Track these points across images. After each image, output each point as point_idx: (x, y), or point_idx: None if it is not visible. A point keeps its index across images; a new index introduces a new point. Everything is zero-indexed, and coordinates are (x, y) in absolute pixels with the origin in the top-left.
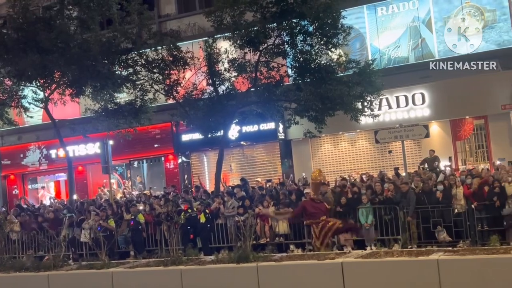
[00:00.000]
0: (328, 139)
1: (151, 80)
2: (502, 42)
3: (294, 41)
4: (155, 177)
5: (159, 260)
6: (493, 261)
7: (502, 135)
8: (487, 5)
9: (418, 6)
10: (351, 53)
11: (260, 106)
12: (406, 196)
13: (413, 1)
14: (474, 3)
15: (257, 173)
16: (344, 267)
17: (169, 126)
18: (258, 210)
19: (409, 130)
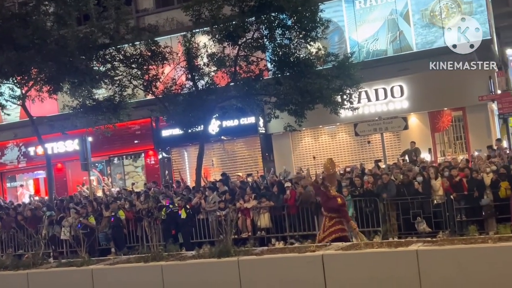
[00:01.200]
0: (309, 132)
1: (129, 75)
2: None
3: (273, 35)
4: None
5: (140, 256)
6: (471, 251)
7: (480, 126)
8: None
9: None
10: (330, 47)
11: (240, 100)
12: (387, 187)
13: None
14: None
15: (238, 168)
16: (325, 260)
17: (149, 122)
18: (239, 204)
19: (388, 122)
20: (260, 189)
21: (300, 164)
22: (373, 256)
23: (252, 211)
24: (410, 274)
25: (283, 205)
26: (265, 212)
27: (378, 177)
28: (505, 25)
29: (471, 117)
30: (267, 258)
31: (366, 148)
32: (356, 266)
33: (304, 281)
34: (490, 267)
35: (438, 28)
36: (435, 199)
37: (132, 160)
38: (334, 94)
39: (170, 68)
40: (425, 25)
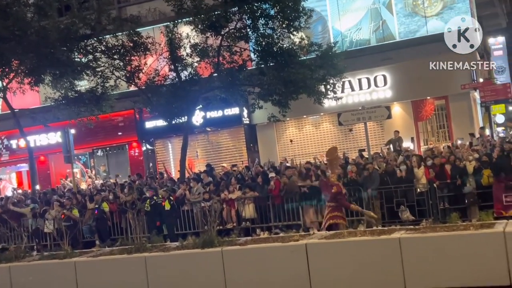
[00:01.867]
0: (293, 122)
1: (111, 66)
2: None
3: (256, 24)
4: (120, 165)
5: (123, 248)
6: (453, 238)
7: (462, 115)
8: None
9: None
10: (313, 36)
11: (223, 91)
12: (371, 177)
13: None
14: None
15: (222, 159)
16: (308, 248)
17: (132, 114)
18: (224, 195)
19: (371, 112)
20: (245, 180)
21: (285, 154)
22: (356, 245)
23: (236, 201)
24: (393, 261)
25: (268, 196)
26: (250, 202)
27: (362, 166)
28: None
29: (454, 106)
30: (251, 248)
31: (350, 138)
32: (340, 254)
33: (288, 270)
34: (472, 254)
35: (421, 17)
36: (418, 188)
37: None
38: (317, 84)
39: (153, 59)
40: (408, 14)
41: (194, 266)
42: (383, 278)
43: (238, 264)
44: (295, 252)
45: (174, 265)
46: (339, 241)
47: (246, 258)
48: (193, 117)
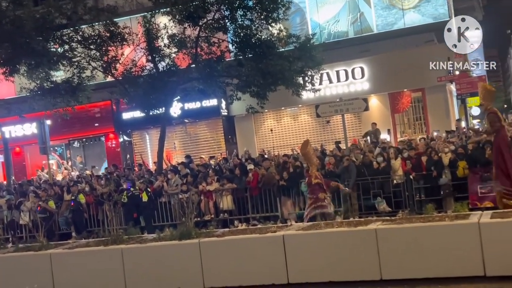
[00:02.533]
0: (271, 114)
1: (88, 57)
2: (438, 15)
3: (234, 15)
4: (96, 157)
5: (100, 240)
6: (429, 229)
7: (438, 107)
8: None
9: None
10: (291, 28)
11: (201, 82)
12: (348, 169)
13: None
14: None
15: (200, 150)
16: (286, 240)
17: (109, 104)
18: (202, 187)
19: (349, 104)
20: (223, 172)
21: (263, 145)
22: (333, 236)
23: (214, 193)
24: (369, 252)
25: (246, 187)
26: (228, 194)
27: (339, 158)
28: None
29: (430, 98)
30: (228, 240)
31: (328, 129)
32: (317, 245)
33: (265, 261)
34: (447, 245)
35: (398, 10)
36: (395, 179)
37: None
38: (295, 75)
39: (130, 49)
40: (385, 6)
41: (171, 258)
42: (360, 268)
43: (215, 255)
44: (273, 243)
45: (151, 257)
46: (316, 232)
47: (223, 250)
48: (171, 109)
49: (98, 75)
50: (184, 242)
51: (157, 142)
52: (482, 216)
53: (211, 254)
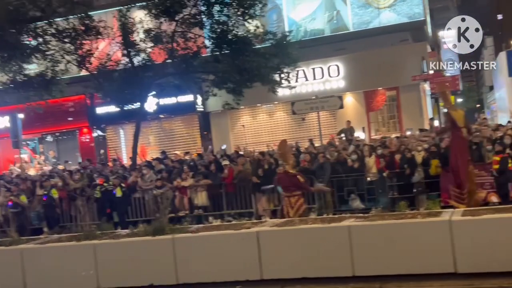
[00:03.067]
0: (247, 111)
1: (62, 50)
2: (413, 15)
3: (211, 11)
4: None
5: (72, 235)
6: (401, 226)
7: (412, 106)
8: None
9: None
10: (268, 25)
11: (177, 77)
12: (322, 166)
13: None
14: None
15: (176, 146)
16: (260, 236)
17: (83, 99)
18: (176, 182)
19: (324, 101)
20: (198, 168)
21: (238, 142)
22: (307, 232)
23: (189, 189)
24: (342, 248)
25: (221, 184)
26: (203, 190)
27: (314, 155)
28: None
29: (404, 97)
30: (202, 236)
31: (303, 127)
32: (291, 241)
33: (239, 258)
34: (419, 241)
35: (374, 9)
36: (369, 177)
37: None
38: (272, 72)
39: (105, 43)
40: (362, 5)
41: (144, 253)
42: (333, 265)
43: (189, 251)
44: (247, 239)
45: (124, 252)
46: (290, 229)
47: (197, 246)
48: (146, 104)
49: (72, 69)
50: (158, 238)
51: (132, 137)
52: (453, 213)
53: (185, 250)
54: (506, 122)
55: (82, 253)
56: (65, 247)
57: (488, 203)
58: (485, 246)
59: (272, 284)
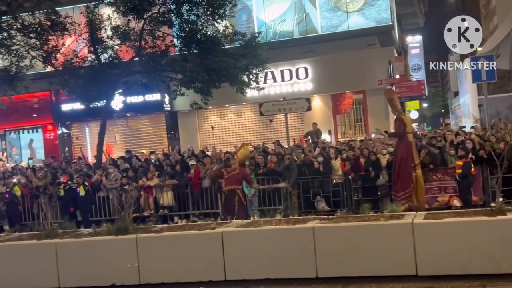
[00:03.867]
0: (215, 111)
1: (27, 45)
2: (381, 19)
3: (180, 10)
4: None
5: (33, 234)
6: (364, 228)
7: (378, 109)
8: None
9: None
10: (237, 26)
11: (145, 76)
12: (289, 168)
13: None
14: None
15: (142, 145)
16: (224, 236)
17: (48, 95)
18: (142, 182)
19: (292, 103)
20: (163, 167)
21: (206, 142)
22: (272, 233)
23: (154, 189)
24: (306, 250)
25: (187, 183)
26: (168, 190)
27: (281, 156)
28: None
29: (371, 101)
30: (166, 236)
31: (270, 128)
32: (255, 242)
33: (203, 258)
34: (382, 244)
35: (343, 13)
36: (334, 179)
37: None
38: (240, 73)
39: (72, 39)
40: (331, 8)
41: (107, 253)
42: (297, 266)
43: (153, 251)
44: (211, 240)
45: (86, 252)
46: (254, 230)
47: (161, 246)
48: (113, 102)
49: (37, 65)
50: (121, 238)
51: (97, 135)
52: (415, 216)
53: (148, 250)
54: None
55: (43, 252)
56: (26, 246)
57: (451, 207)
58: (446, 249)
59: (236, 285)
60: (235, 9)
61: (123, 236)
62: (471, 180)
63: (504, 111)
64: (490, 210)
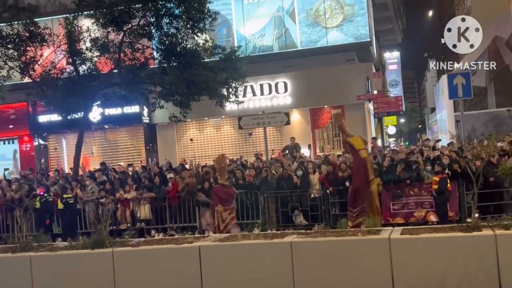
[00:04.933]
0: (194, 124)
1: (5, 56)
2: (359, 35)
3: (160, 23)
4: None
5: (7, 247)
6: (341, 243)
7: (356, 124)
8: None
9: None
10: (217, 39)
11: (123, 88)
12: (267, 181)
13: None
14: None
15: (120, 157)
16: (202, 251)
17: (25, 106)
18: (119, 194)
19: (271, 117)
20: (141, 180)
21: (184, 155)
22: (249, 247)
23: (132, 201)
24: (284, 264)
25: (164, 197)
26: (146, 203)
27: (259, 170)
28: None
29: (349, 116)
30: (143, 250)
31: (249, 141)
32: (233, 257)
33: (180, 273)
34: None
35: (322, 28)
36: (312, 193)
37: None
38: (220, 86)
39: (50, 50)
40: (310, 24)
41: (83, 267)
42: (274, 281)
43: (129, 266)
44: (189, 254)
45: (62, 265)
46: (232, 244)
47: (138, 260)
48: (90, 113)
49: (14, 76)
50: (97, 251)
51: (74, 147)
52: (392, 232)
53: (124, 264)
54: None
55: (17, 265)
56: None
57: (427, 222)
58: (422, 264)
59: None
60: (215, 23)
61: (99, 250)
62: (448, 195)
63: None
64: (466, 226)
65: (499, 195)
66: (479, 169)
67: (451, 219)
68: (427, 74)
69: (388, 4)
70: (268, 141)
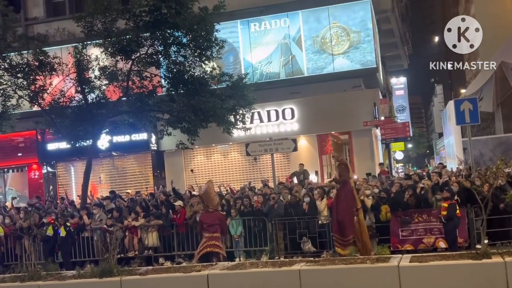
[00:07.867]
0: (201, 150)
1: (14, 85)
2: (366, 62)
3: (168, 51)
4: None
5: (16, 276)
6: (350, 271)
7: (364, 150)
8: (353, 26)
9: (289, 24)
10: (224, 67)
11: (131, 116)
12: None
13: (285, 19)
14: (341, 24)
15: (128, 185)
16: (210, 279)
17: (34, 134)
18: (127, 222)
19: (278, 143)
20: (149, 207)
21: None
22: (258, 276)
23: (140, 229)
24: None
25: (172, 224)
26: (154, 230)
27: (267, 196)
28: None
29: (356, 141)
30: (151, 278)
31: (257, 168)
32: (241, 285)
33: None
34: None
35: (328, 55)
36: (320, 220)
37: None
38: (227, 113)
39: (59, 79)
40: (316, 51)
41: None
42: None
43: None
44: (197, 282)
45: None
46: (240, 272)
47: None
48: (99, 141)
49: (24, 104)
50: (105, 280)
51: (83, 174)
52: (401, 259)
53: None
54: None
55: None
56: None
57: (436, 249)
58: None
59: None
60: (222, 51)
61: (108, 279)
62: (456, 222)
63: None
64: (475, 253)
65: (508, 221)
66: (488, 195)
67: (460, 246)
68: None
69: (394, 30)
70: (276, 167)
